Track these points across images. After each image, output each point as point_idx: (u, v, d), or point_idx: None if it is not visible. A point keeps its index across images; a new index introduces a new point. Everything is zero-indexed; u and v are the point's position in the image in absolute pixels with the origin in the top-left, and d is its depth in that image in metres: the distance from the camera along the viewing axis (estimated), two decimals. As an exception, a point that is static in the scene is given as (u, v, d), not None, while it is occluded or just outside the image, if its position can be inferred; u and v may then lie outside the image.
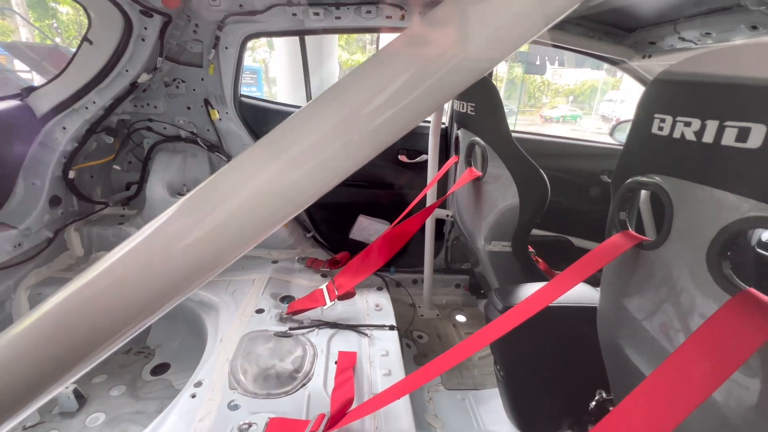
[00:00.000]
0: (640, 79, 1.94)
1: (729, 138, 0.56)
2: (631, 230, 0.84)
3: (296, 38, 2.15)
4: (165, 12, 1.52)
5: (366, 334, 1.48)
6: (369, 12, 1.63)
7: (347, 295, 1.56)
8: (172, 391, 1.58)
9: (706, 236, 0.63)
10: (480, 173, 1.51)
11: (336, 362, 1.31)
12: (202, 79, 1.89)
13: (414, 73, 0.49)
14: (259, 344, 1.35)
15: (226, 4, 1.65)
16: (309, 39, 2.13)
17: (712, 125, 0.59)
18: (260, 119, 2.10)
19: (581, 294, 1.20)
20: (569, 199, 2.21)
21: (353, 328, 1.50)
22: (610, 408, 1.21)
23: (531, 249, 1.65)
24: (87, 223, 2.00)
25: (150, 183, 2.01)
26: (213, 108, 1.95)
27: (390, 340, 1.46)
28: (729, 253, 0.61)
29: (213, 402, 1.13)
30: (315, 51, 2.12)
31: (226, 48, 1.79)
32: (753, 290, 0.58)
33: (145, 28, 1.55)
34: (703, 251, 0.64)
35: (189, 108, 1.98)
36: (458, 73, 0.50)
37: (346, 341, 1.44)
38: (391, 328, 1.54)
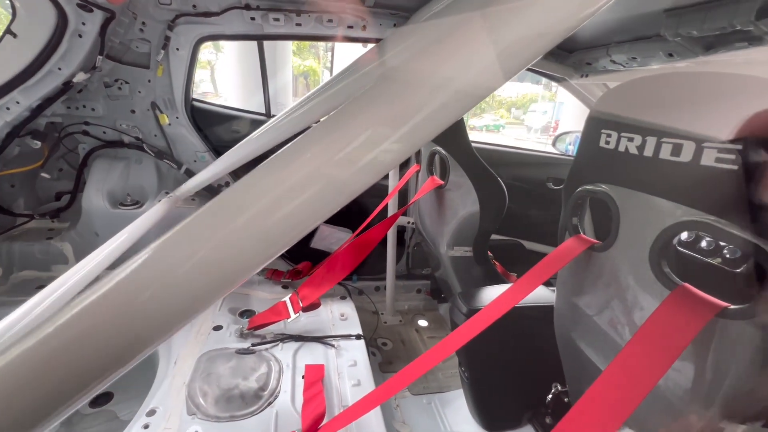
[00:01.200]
0: (580, 95, 2.13)
1: (665, 152, 0.65)
2: (582, 234, 0.92)
3: (249, 41, 2.09)
4: (107, 8, 1.40)
5: (333, 345, 1.45)
6: (330, 21, 1.63)
7: (312, 306, 1.52)
8: (117, 424, 1.42)
9: (648, 238, 0.71)
10: (442, 182, 1.56)
11: (303, 376, 1.27)
12: (149, 81, 1.77)
13: (398, 115, 0.45)
14: (219, 363, 1.27)
15: (178, 4, 1.56)
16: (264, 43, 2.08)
17: (651, 141, 0.67)
18: (214, 125, 2.00)
19: (538, 294, 1.28)
20: (520, 204, 2.36)
21: (319, 339, 1.47)
22: (566, 399, 1.30)
23: (489, 253, 1.74)
24: (7, 238, 1.76)
25: (87, 193, 1.82)
26: (162, 112, 1.82)
27: (357, 350, 1.45)
28: (667, 253, 0.69)
29: (170, 431, 1.04)
30: (269, 56, 2.07)
31: (177, 49, 1.69)
32: (688, 285, 0.66)
33: (83, 24, 1.42)
34: (645, 252, 0.72)
35: (133, 111, 1.83)
36: (432, 120, 0.46)
37: (313, 354, 1.40)
38: (358, 337, 1.53)
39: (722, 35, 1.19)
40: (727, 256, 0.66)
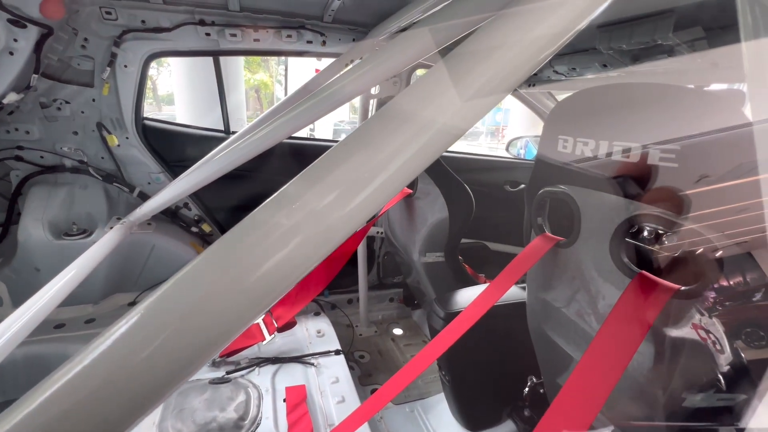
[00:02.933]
0: (528, 103, 2.29)
1: (617, 155, 0.72)
2: (547, 233, 0.99)
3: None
4: (43, 23, 1.29)
5: (312, 364, 1.42)
6: (290, 36, 1.62)
7: (288, 326, 1.48)
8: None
9: (606, 232, 0.78)
10: (410, 191, 1.60)
11: (285, 400, 1.23)
12: (94, 100, 1.65)
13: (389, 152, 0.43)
14: (192, 397, 1.19)
15: (125, 19, 1.48)
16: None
17: (603, 144, 0.74)
18: (169, 144, 1.90)
19: (509, 292, 1.34)
20: (482, 208, 2.47)
21: (298, 359, 1.43)
22: (541, 390, 1.37)
23: (459, 257, 1.80)
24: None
25: (23, 223, 1.64)
26: (110, 133, 1.70)
27: (338, 366, 1.43)
28: (625, 244, 0.76)
29: (142, 477, 0.96)
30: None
31: (125, 66, 1.59)
32: (645, 272, 0.73)
33: (15, 40, 1.30)
34: (605, 245, 0.79)
35: (76, 133, 1.70)
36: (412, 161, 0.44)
37: (292, 375, 1.36)
38: (337, 352, 1.50)
39: (646, 48, 1.34)
40: (675, 243, 0.74)
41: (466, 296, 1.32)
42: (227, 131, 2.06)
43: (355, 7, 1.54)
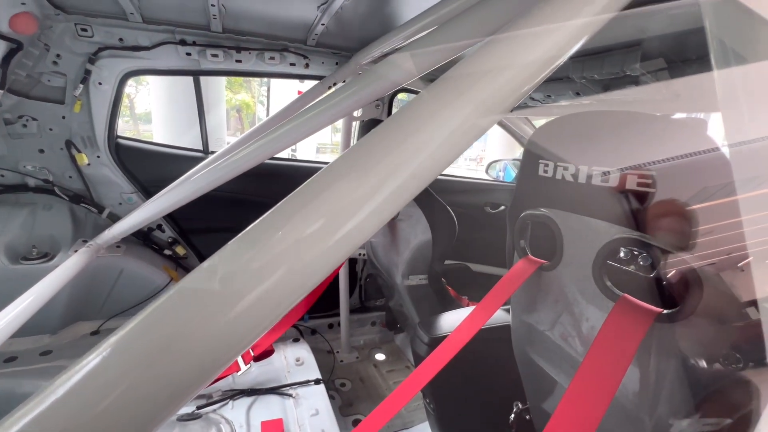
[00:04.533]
0: (506, 127, 2.36)
1: (596, 179, 0.73)
2: (530, 255, 0.99)
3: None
4: (13, 38, 1.25)
5: (290, 395, 1.34)
6: (273, 58, 1.63)
7: (265, 354, 1.41)
8: None
9: (589, 255, 0.79)
10: (393, 212, 1.59)
11: (260, 435, 1.15)
12: (64, 118, 1.58)
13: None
14: (157, 436, 1.09)
15: (101, 36, 1.45)
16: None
17: (583, 169, 0.76)
18: (143, 164, 1.83)
19: (494, 315, 1.33)
20: (463, 229, 2.49)
21: (275, 390, 1.35)
22: (527, 417, 1.34)
23: (442, 279, 1.78)
24: None
25: (-24, 247, 1.52)
26: (79, 151, 1.63)
27: (318, 396, 1.36)
28: (607, 268, 0.77)
29: None
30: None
31: (100, 84, 1.55)
32: (627, 296, 0.73)
33: (-20, 55, 1.25)
34: (588, 268, 0.79)
35: (42, 151, 1.61)
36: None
37: (269, 408, 1.28)
38: (317, 381, 1.43)
39: (616, 78, 1.42)
40: (657, 267, 0.75)
41: (451, 320, 1.30)
42: (206, 151, 2.01)
43: (339, 32, 1.57)
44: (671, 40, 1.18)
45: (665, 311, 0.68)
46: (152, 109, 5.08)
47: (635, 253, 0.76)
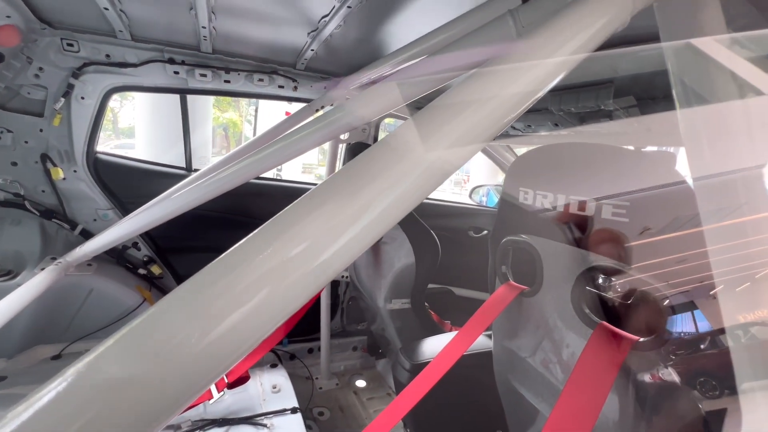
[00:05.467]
0: (488, 154, 2.44)
1: (573, 208, 0.76)
2: (511, 281, 1.00)
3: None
4: (-6, 50, 1.23)
5: (264, 425, 1.28)
6: (261, 80, 1.65)
7: (240, 381, 1.34)
8: None
9: (568, 282, 0.80)
10: (377, 235, 1.59)
11: (230, 470, 1.08)
12: (41, 131, 1.54)
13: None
14: (117, 472, 1.01)
15: (87, 51, 1.44)
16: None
17: (561, 198, 0.78)
18: (123, 180, 1.79)
19: (476, 341, 1.32)
20: (447, 253, 2.50)
21: (248, 420, 1.28)
22: (508, 445, 1.31)
23: (425, 303, 1.77)
24: None
25: (-68, 263, 1.43)
26: (55, 165, 1.58)
27: (294, 426, 1.30)
28: (586, 294, 0.78)
29: None
30: (188, 107, 1.96)
31: (83, 98, 1.52)
32: (605, 323, 0.74)
33: (-43, 65, 1.21)
34: (568, 294, 0.81)
35: (15, 164, 1.56)
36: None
37: (241, 439, 1.21)
38: (294, 410, 1.37)
39: (591, 112, 1.50)
40: (628, 293, 0.77)
41: (433, 346, 1.28)
42: (189, 168, 1.98)
43: (328, 57, 1.61)
44: (640, 79, 1.26)
45: (641, 339, 0.69)
46: (136, 124, 5.02)
47: (612, 280, 0.78)
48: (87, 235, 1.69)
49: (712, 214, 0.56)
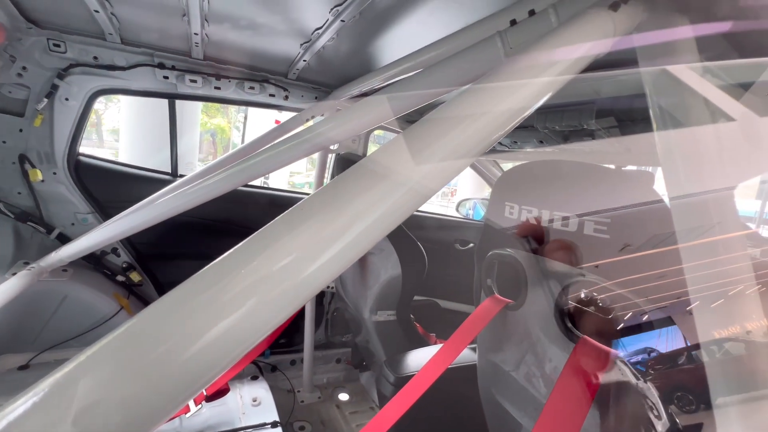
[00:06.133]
0: (475, 168, 2.48)
1: (557, 223, 0.78)
2: (497, 294, 1.01)
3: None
4: (-25, 47, 1.19)
5: (243, 440, 1.24)
6: (252, 88, 1.65)
7: (219, 394, 1.30)
8: None
9: (551, 297, 0.81)
10: (364, 245, 1.59)
11: (205, 488, 1.04)
12: (21, 131, 1.50)
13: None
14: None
15: (75, 53, 1.41)
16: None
17: (546, 213, 0.80)
18: (105, 184, 1.75)
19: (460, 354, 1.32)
20: (433, 265, 2.51)
21: (226, 434, 1.24)
22: (492, 461, 1.30)
23: (411, 315, 1.76)
24: None
25: None
26: (34, 167, 1.53)
27: (274, 441, 1.26)
28: (569, 309, 0.80)
29: None
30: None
31: (67, 99, 1.49)
32: (587, 337, 0.76)
33: (-65, 61, 1.18)
34: (551, 309, 0.82)
35: (-9, 164, 1.51)
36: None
37: (218, 454, 1.17)
38: (274, 425, 1.34)
39: (575, 130, 1.55)
40: (609, 308, 0.79)
41: (418, 359, 1.28)
42: (174, 174, 1.95)
43: (320, 68, 1.63)
44: (621, 101, 1.31)
45: (621, 353, 0.70)
46: (121, 127, 4.92)
47: (594, 295, 0.80)
48: (64, 239, 1.63)
49: (688, 233, 0.58)
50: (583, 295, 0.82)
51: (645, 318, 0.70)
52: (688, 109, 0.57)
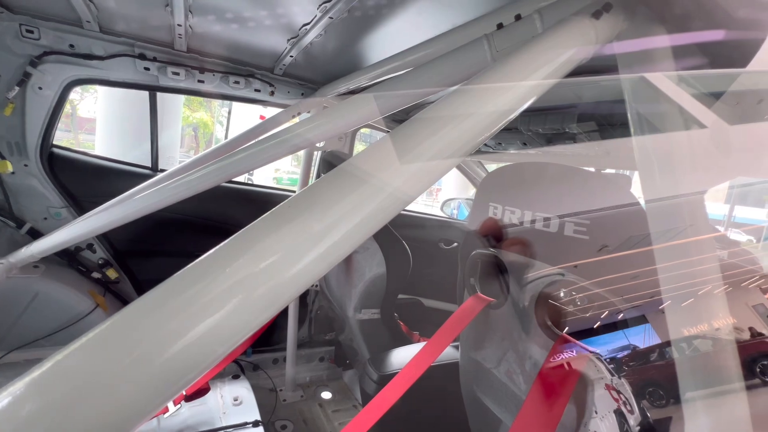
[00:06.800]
0: (460, 168, 2.51)
1: (539, 224, 0.80)
2: (480, 293, 1.02)
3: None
4: (-60, 30, 1.13)
5: (224, 440, 1.22)
6: (237, 83, 1.62)
7: (199, 393, 1.28)
8: None
9: (532, 295, 0.83)
10: (349, 244, 1.58)
11: (184, 489, 1.02)
12: (-10, 120, 1.43)
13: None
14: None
15: (49, 40, 1.35)
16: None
17: (528, 214, 0.82)
18: (80, 177, 1.68)
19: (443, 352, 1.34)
20: (417, 264, 2.53)
21: (206, 434, 1.22)
22: (473, 457, 1.32)
23: (395, 313, 1.77)
24: None
25: None
26: (3, 158, 1.46)
27: (255, 440, 1.25)
28: (549, 307, 0.82)
29: None
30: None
31: (40, 88, 1.43)
32: (565, 335, 0.78)
33: None
34: (532, 307, 0.84)
35: (-44, 154, 1.43)
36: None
37: (197, 455, 1.15)
38: (255, 424, 1.32)
39: (557, 133, 1.59)
40: (587, 307, 0.81)
41: (401, 357, 1.28)
42: (154, 168, 1.90)
43: (307, 65, 1.61)
44: (601, 106, 1.35)
45: (597, 351, 0.73)
46: (97, 118, 4.74)
47: (573, 294, 0.82)
48: (35, 234, 1.56)
49: (661, 235, 0.61)
50: (562, 294, 0.84)
51: (621, 316, 0.72)
52: (663, 115, 0.60)
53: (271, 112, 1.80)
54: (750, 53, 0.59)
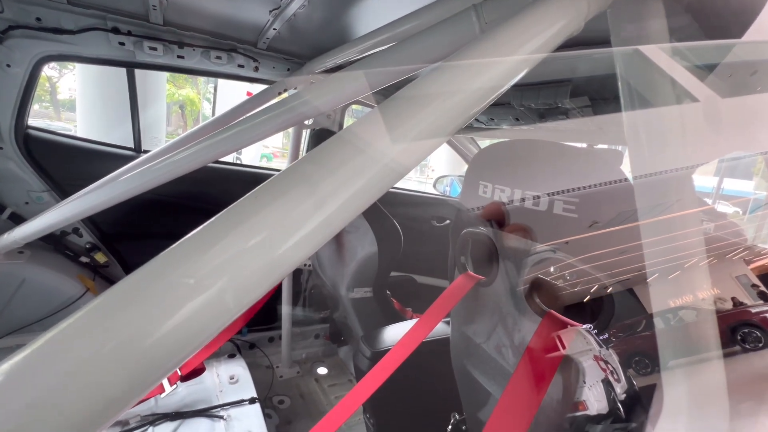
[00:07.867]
0: (452, 144, 2.48)
1: (528, 202, 0.79)
2: (470, 271, 1.03)
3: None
4: None
5: (221, 417, 1.25)
6: (219, 58, 1.55)
7: (194, 373, 1.30)
8: None
9: (521, 273, 0.84)
10: (340, 223, 1.58)
11: (184, 464, 1.05)
12: (-43, 101, 1.36)
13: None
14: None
15: (13, 13, 1.27)
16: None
17: (518, 192, 0.81)
18: (60, 159, 1.63)
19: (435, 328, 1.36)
20: (410, 242, 2.54)
21: (203, 412, 1.25)
22: (464, 427, 1.38)
23: (387, 291, 1.79)
24: None
25: None
26: (-25, 141, 1.40)
27: (252, 417, 1.28)
28: (538, 284, 0.83)
29: None
30: (139, 82, 1.77)
31: (8, 66, 1.35)
32: (553, 312, 0.79)
33: None
34: (520, 285, 0.85)
35: (-77, 138, 1.37)
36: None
37: (196, 432, 1.18)
38: (252, 401, 1.35)
39: (550, 108, 1.56)
40: (575, 283, 0.82)
41: (393, 333, 1.31)
42: (138, 150, 1.84)
43: (292, 38, 1.54)
44: (594, 81, 1.33)
45: (586, 326, 0.75)
46: (77, 97, 4.55)
47: (562, 270, 0.83)
48: (17, 219, 1.53)
49: (649, 210, 0.61)
50: (552, 270, 0.85)
51: (609, 291, 0.74)
52: (655, 88, 0.58)
53: (258, 88, 1.74)
54: (747, 22, 0.57)
